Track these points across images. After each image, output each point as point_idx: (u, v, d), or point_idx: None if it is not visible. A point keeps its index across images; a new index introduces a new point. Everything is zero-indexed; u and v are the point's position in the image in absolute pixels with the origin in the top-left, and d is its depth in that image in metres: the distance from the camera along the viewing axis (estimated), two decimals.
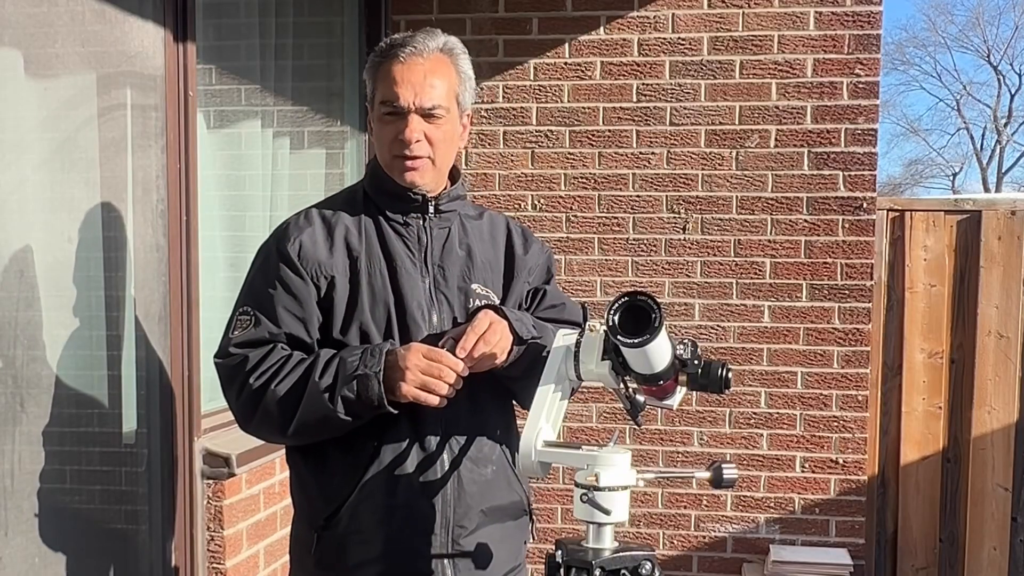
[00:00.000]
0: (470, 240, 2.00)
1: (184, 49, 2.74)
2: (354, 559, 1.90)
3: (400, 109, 1.87)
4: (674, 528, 4.07)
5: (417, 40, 1.89)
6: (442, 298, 1.94)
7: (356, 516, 1.88)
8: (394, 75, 1.87)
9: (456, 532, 1.90)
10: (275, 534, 3.17)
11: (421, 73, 1.87)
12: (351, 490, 1.88)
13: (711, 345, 3.98)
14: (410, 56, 1.87)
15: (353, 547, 1.89)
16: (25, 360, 2.24)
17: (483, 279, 1.99)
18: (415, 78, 1.87)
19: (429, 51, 1.89)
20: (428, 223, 1.96)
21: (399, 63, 1.87)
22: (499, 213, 2.16)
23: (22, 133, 2.27)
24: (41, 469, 2.27)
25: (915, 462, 4.27)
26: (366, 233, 1.94)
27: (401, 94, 1.86)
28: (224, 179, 3.28)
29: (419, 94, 1.87)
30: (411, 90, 1.86)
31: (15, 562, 2.18)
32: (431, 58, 1.89)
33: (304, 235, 1.92)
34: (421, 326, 1.90)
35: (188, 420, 2.80)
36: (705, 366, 1.76)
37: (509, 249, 2.06)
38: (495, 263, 2.03)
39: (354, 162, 4.03)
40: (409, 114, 1.87)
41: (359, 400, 1.78)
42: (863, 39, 3.89)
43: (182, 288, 2.76)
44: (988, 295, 4.20)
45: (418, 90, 1.86)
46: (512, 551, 2.02)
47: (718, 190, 3.97)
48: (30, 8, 2.28)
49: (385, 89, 1.88)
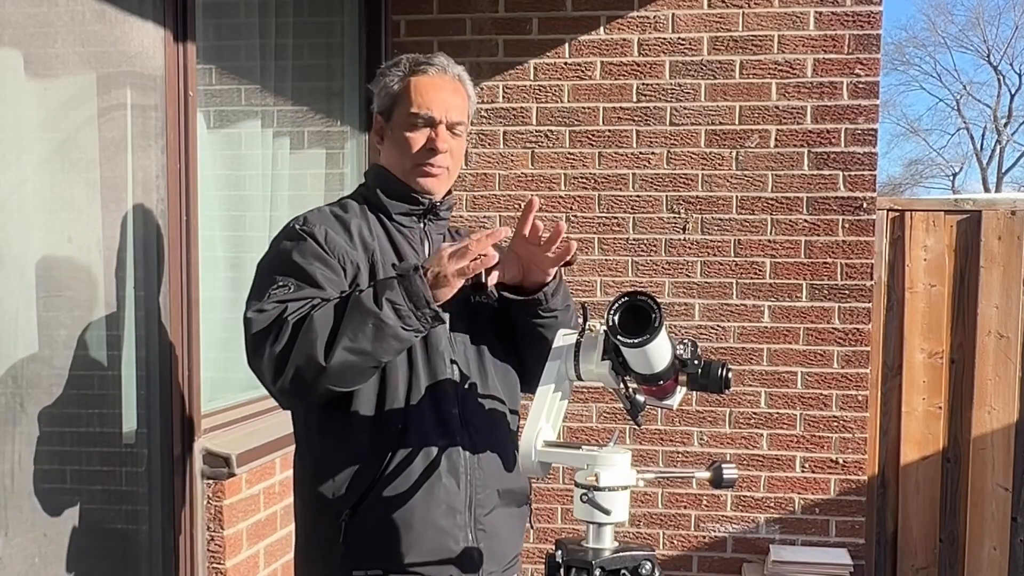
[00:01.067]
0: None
1: (184, 49, 2.74)
2: (384, 542, 1.92)
3: (433, 121, 2.00)
4: (674, 528, 4.08)
5: (439, 61, 2.05)
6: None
7: (383, 499, 1.91)
8: (427, 89, 2.01)
9: (477, 511, 1.96)
10: (275, 534, 3.17)
11: (450, 90, 2.03)
12: (378, 474, 1.91)
13: (711, 345, 3.98)
14: (438, 74, 2.03)
15: (383, 530, 1.92)
16: (25, 360, 2.24)
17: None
18: (446, 94, 2.02)
19: (450, 73, 2.05)
20: (427, 227, 2.07)
21: (429, 78, 2.02)
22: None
23: (22, 133, 2.27)
24: (41, 469, 2.27)
25: (915, 462, 4.28)
26: (375, 233, 2.02)
27: (434, 107, 2.00)
28: (224, 179, 3.28)
29: (449, 109, 2.02)
30: (443, 105, 2.01)
31: (15, 562, 2.18)
32: (454, 79, 2.05)
33: (327, 225, 1.98)
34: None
35: (188, 420, 2.80)
36: (705, 366, 1.76)
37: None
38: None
39: (354, 162, 4.03)
40: (440, 125, 2.01)
41: (409, 298, 1.76)
42: (863, 39, 3.89)
43: (182, 288, 2.76)
44: (988, 295, 4.20)
45: (448, 106, 2.02)
46: (517, 537, 2.10)
47: (718, 190, 3.97)
48: (30, 8, 2.28)
49: (419, 100, 2.00)
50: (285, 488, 3.17)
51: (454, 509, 1.94)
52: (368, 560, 1.93)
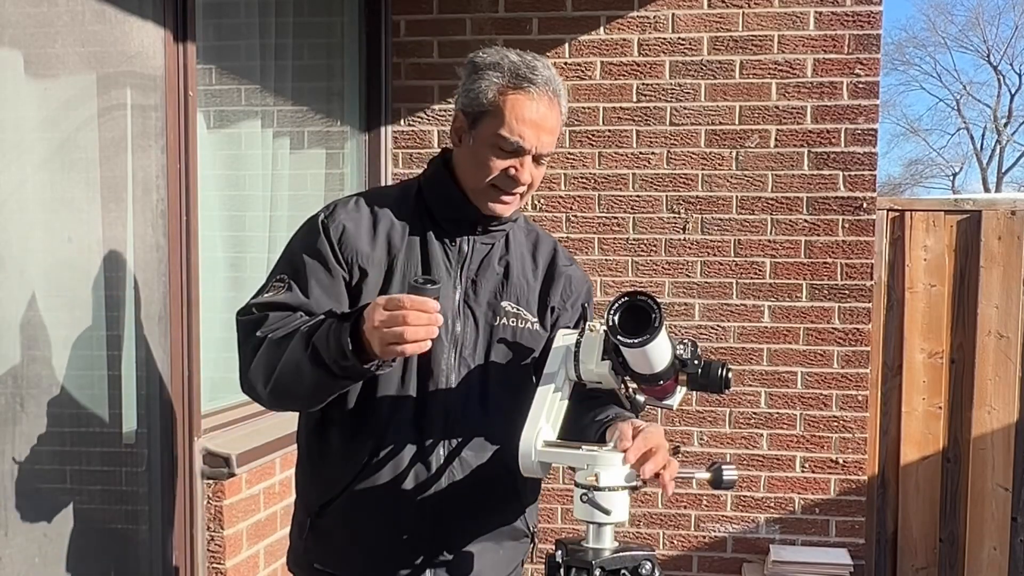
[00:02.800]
0: (510, 256, 1.97)
1: (184, 49, 2.74)
2: (337, 551, 1.91)
3: (522, 150, 1.83)
4: (674, 528, 4.07)
5: (543, 75, 1.84)
6: (468, 311, 1.91)
7: (345, 509, 1.88)
8: (525, 112, 1.81)
9: (445, 543, 1.88)
10: (275, 534, 3.17)
11: (547, 116, 1.84)
12: (347, 482, 1.87)
13: (711, 345, 3.98)
14: (540, 94, 1.82)
15: (338, 538, 1.90)
16: (25, 360, 2.24)
17: (516, 297, 1.95)
18: (544, 123, 1.83)
19: (551, 90, 1.84)
20: (472, 237, 1.93)
21: (530, 99, 1.82)
22: (549, 234, 2.11)
23: (22, 133, 2.27)
24: (41, 469, 2.27)
25: (915, 462, 4.28)
26: (409, 234, 1.91)
27: (527, 137, 1.82)
28: (224, 179, 3.27)
29: (542, 142, 1.84)
30: (537, 136, 1.82)
31: (15, 562, 2.18)
32: (552, 99, 1.85)
33: (351, 220, 1.89)
34: (441, 335, 1.82)
35: (188, 420, 2.80)
36: (705, 366, 1.76)
37: (550, 268, 2.02)
38: (532, 282, 1.99)
39: (354, 162, 4.03)
40: (527, 155, 1.84)
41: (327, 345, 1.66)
42: (863, 39, 3.89)
43: (182, 288, 2.76)
44: (988, 295, 4.20)
45: (543, 138, 1.84)
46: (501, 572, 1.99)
47: (718, 190, 3.97)
48: (30, 8, 2.28)
49: (512, 124, 1.81)
50: (285, 488, 3.17)
51: (412, 536, 1.86)
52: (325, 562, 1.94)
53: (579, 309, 2.01)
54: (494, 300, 1.92)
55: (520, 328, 1.93)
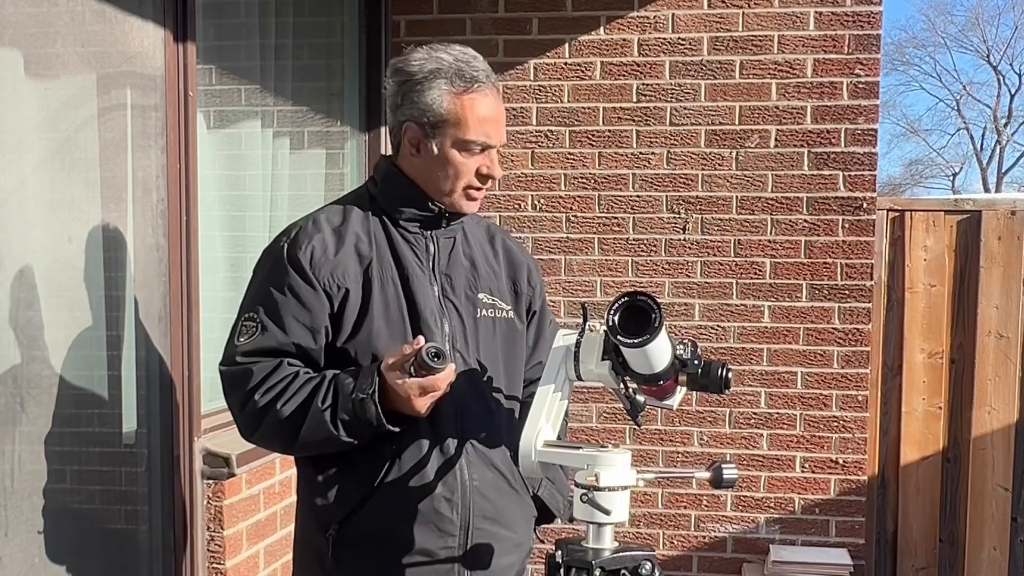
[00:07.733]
0: (472, 251, 2.03)
1: (184, 49, 2.74)
2: (370, 562, 1.90)
3: (490, 146, 1.92)
4: (674, 528, 4.07)
5: (481, 69, 1.91)
6: (451, 306, 1.95)
7: (372, 518, 1.88)
8: (483, 111, 1.89)
9: (474, 534, 1.92)
10: (275, 534, 3.17)
11: (500, 108, 1.94)
12: (368, 492, 1.88)
13: (711, 345, 3.98)
14: (488, 90, 1.91)
15: (369, 550, 1.90)
16: (25, 360, 2.24)
17: (488, 288, 2.02)
18: (499, 115, 1.93)
19: (491, 79, 1.93)
20: (434, 233, 1.98)
21: (483, 98, 1.90)
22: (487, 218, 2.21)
23: (22, 133, 2.27)
24: (41, 469, 2.27)
25: (915, 462, 4.27)
26: (376, 239, 1.94)
27: (492, 134, 1.91)
28: (224, 179, 3.28)
29: (502, 133, 1.95)
30: (498, 128, 1.93)
31: (15, 562, 2.18)
32: (496, 88, 1.94)
33: (315, 241, 1.90)
34: (435, 332, 1.90)
35: (188, 420, 2.80)
36: (705, 366, 1.76)
37: (508, 254, 2.11)
38: (498, 269, 2.06)
39: (354, 162, 4.03)
40: (493, 149, 1.93)
41: (358, 422, 1.81)
42: (863, 39, 3.89)
43: (182, 288, 2.76)
44: (988, 295, 4.20)
45: (502, 127, 1.94)
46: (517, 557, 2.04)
47: (718, 190, 3.97)
48: (30, 8, 2.28)
49: (476, 127, 1.89)
50: (285, 488, 3.17)
51: (444, 533, 1.90)
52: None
53: (540, 284, 2.16)
54: (471, 293, 1.98)
55: (498, 318, 2.01)
